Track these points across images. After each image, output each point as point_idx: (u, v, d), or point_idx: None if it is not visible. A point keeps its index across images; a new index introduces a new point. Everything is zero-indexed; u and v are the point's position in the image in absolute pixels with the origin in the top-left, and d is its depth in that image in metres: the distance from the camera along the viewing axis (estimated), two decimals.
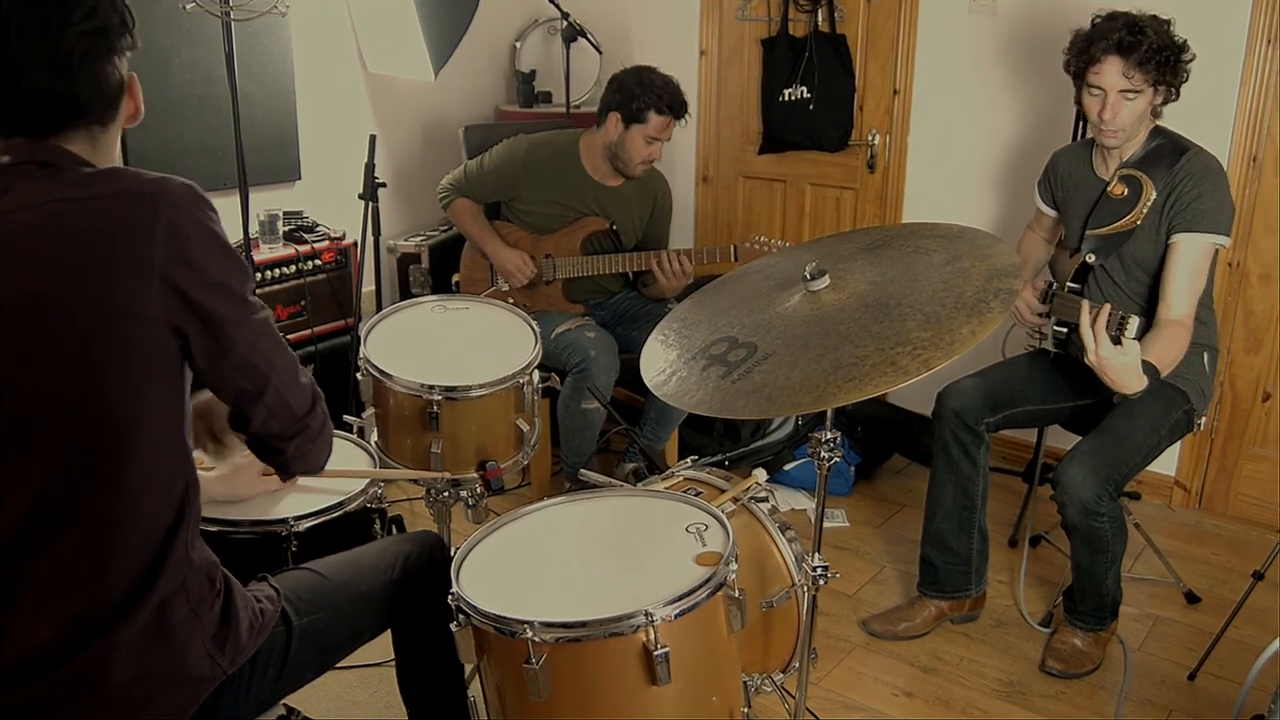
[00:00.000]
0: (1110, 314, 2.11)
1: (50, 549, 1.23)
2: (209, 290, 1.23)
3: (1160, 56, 2.31)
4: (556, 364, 3.01)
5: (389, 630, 1.69)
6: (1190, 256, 2.38)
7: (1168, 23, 2.35)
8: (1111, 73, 2.34)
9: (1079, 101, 2.46)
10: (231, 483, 1.79)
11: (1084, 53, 2.38)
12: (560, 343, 3.05)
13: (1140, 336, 2.34)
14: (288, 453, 1.42)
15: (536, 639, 1.44)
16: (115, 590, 1.25)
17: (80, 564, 1.24)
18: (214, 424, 1.59)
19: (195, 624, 1.31)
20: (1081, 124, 3.03)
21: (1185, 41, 2.36)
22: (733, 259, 3.05)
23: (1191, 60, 2.38)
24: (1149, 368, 2.20)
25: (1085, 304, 2.14)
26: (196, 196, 1.25)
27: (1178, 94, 2.42)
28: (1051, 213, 2.76)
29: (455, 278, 3.38)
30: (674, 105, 3.08)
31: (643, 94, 3.06)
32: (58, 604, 1.24)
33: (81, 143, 1.27)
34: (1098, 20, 2.39)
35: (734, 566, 1.56)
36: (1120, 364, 2.10)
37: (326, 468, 1.89)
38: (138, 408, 1.23)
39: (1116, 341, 2.09)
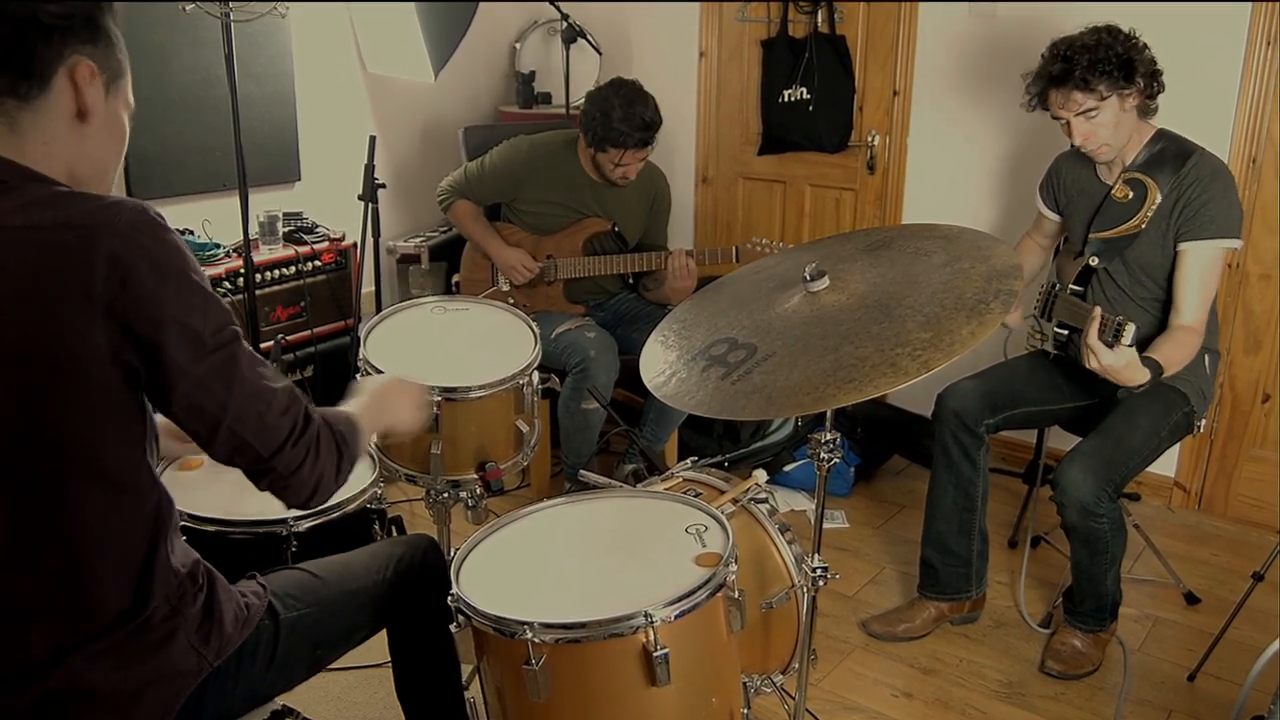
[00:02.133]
0: (1106, 320, 2.13)
1: (26, 577, 1.23)
2: (156, 325, 1.16)
3: (1097, 70, 2.30)
4: (556, 364, 3.01)
5: (388, 642, 1.69)
6: (1201, 263, 2.38)
7: (1106, 30, 2.34)
8: (1057, 104, 2.38)
9: None
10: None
11: (1032, 94, 2.44)
12: (560, 343, 3.05)
13: (1143, 337, 2.35)
14: (262, 486, 1.34)
15: (536, 640, 1.44)
16: (100, 612, 1.26)
17: (55, 592, 1.24)
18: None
19: (178, 620, 1.31)
20: None
21: (1134, 37, 2.34)
22: (734, 260, 3.05)
23: (1145, 50, 2.35)
24: (1152, 364, 2.22)
25: (1097, 311, 2.16)
26: (146, 224, 1.16)
27: (1159, 85, 2.40)
28: (1053, 217, 2.76)
29: (455, 278, 3.39)
30: (638, 142, 3.02)
31: (603, 128, 3.01)
32: (40, 628, 1.24)
33: None
34: (1042, 56, 2.41)
35: (734, 567, 1.56)
36: (1122, 365, 2.14)
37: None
38: (93, 440, 1.20)
39: (1111, 346, 2.12)
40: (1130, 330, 2.10)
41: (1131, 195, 2.47)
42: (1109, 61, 2.30)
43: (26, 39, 1.17)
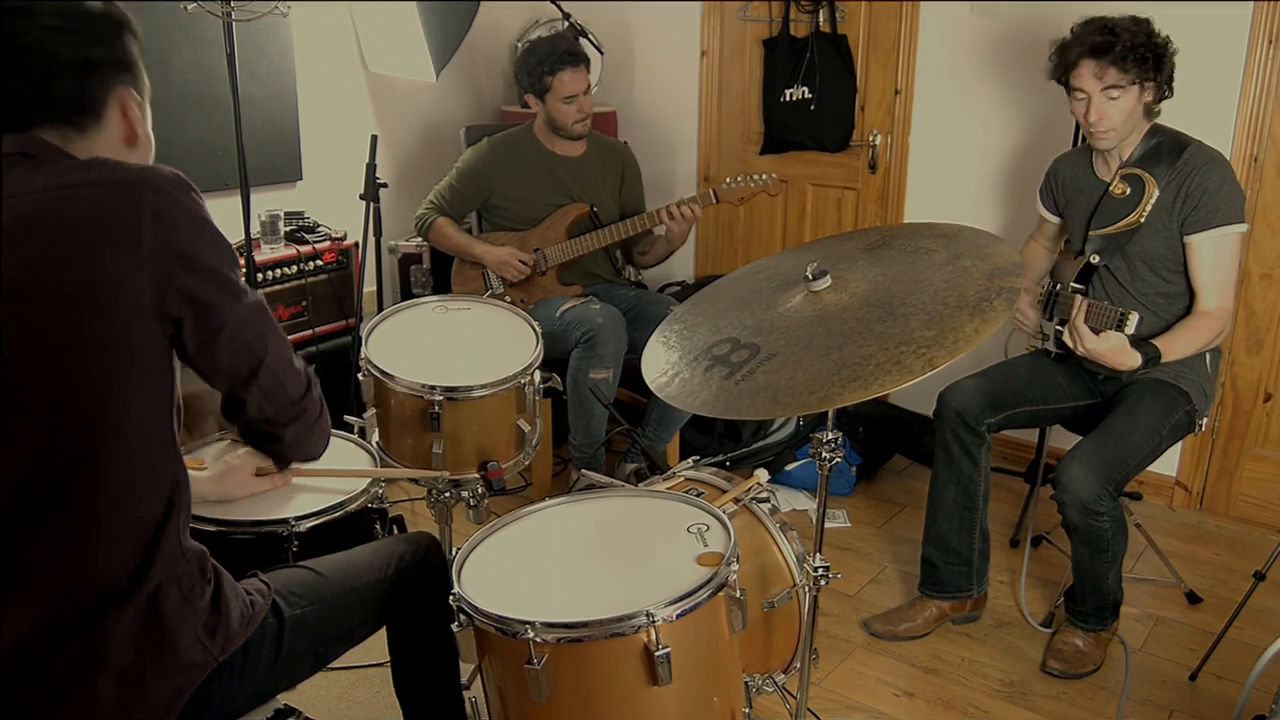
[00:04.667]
0: (1108, 310, 2.16)
1: (35, 535, 1.24)
2: (198, 276, 1.24)
3: (1136, 54, 2.33)
4: (564, 343, 3.03)
5: (388, 639, 1.70)
6: (1211, 252, 2.41)
7: (1145, 21, 2.37)
8: (1088, 75, 2.37)
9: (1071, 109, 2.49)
10: (223, 483, 1.78)
11: (1062, 60, 2.43)
12: (565, 319, 3.07)
13: (1145, 333, 2.37)
14: (285, 439, 1.43)
15: (538, 639, 1.44)
16: (105, 577, 1.26)
17: (66, 552, 1.25)
18: (190, 411, 1.57)
19: (187, 610, 1.32)
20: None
21: (1167, 37, 2.38)
22: (714, 201, 3.14)
23: (1174, 54, 2.39)
24: (1149, 348, 2.25)
25: (1077, 300, 2.20)
26: (183, 183, 1.26)
27: (1170, 90, 2.42)
28: (1054, 219, 2.76)
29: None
30: (565, 57, 3.12)
31: (534, 67, 3.13)
32: (45, 588, 1.25)
33: (52, 140, 1.27)
34: (1075, 28, 2.41)
35: (735, 567, 1.56)
36: (1106, 349, 2.26)
37: (327, 467, 1.90)
38: (124, 396, 1.23)
39: (1098, 332, 2.23)
40: (1132, 320, 2.13)
41: (1129, 191, 2.48)
42: (1148, 48, 2.34)
43: (84, 82, 1.28)
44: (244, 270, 3.08)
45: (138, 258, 1.20)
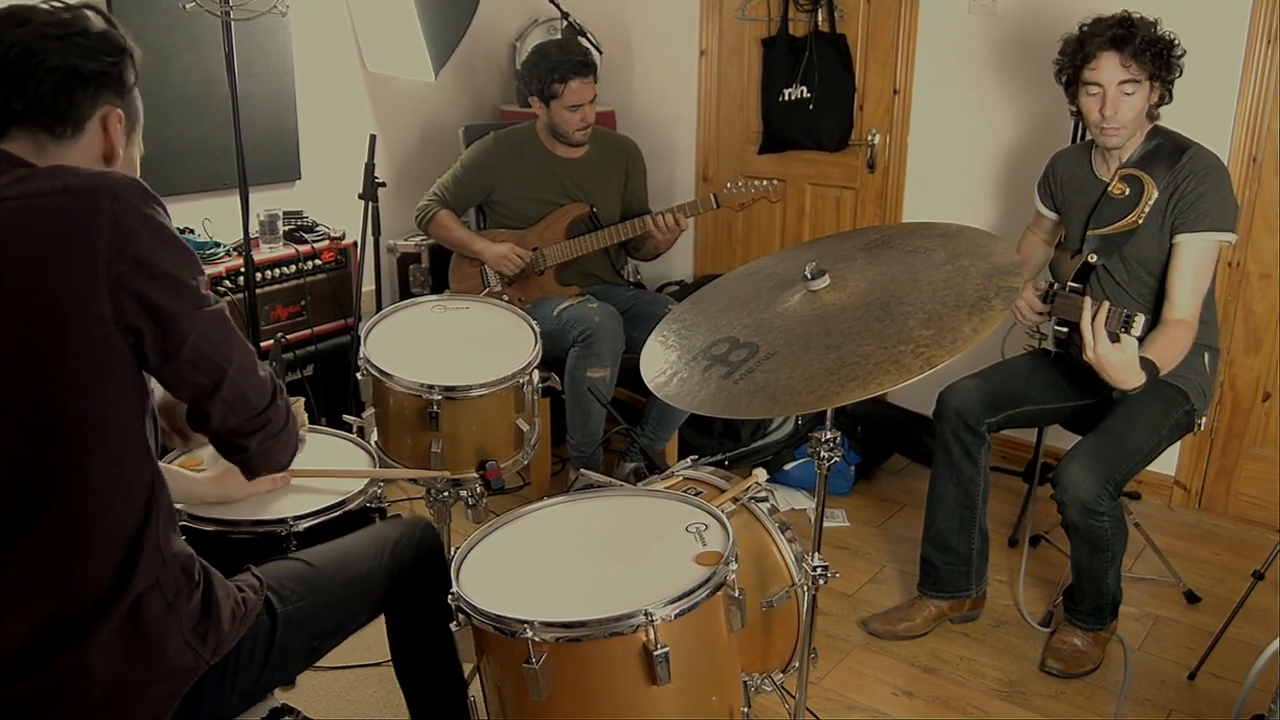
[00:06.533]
0: (1114, 312, 2.14)
1: (16, 548, 1.24)
2: (157, 284, 1.22)
3: (1154, 49, 2.34)
4: (561, 342, 3.04)
5: (386, 627, 1.69)
6: (1194, 256, 2.39)
7: (1154, 23, 2.38)
8: (1109, 66, 2.35)
9: (1076, 107, 2.48)
10: (222, 484, 1.77)
11: (1078, 53, 2.41)
12: (563, 319, 3.08)
13: (1145, 335, 2.36)
14: (251, 449, 1.40)
15: (536, 639, 1.44)
16: (88, 589, 1.26)
17: (48, 563, 1.25)
18: (175, 420, 1.58)
19: (172, 617, 1.32)
20: (1081, 123, 3.03)
21: (1175, 38, 2.38)
22: (714, 206, 3.16)
23: (1182, 56, 2.39)
24: (1148, 365, 2.22)
25: (1087, 301, 2.17)
26: (141, 190, 1.24)
27: (1170, 95, 2.43)
28: (1051, 215, 2.76)
29: (447, 292, 3.39)
30: (576, 67, 3.12)
31: (544, 72, 3.13)
32: (29, 605, 1.24)
33: (25, 146, 1.28)
34: (1085, 25, 2.41)
35: (734, 566, 1.56)
36: (1118, 360, 2.15)
37: (326, 467, 1.90)
38: (93, 404, 1.23)
39: (1116, 339, 2.13)
40: (1139, 322, 2.11)
41: (1128, 191, 2.47)
42: (1161, 44, 2.35)
43: (68, 88, 1.28)
44: (241, 269, 3.07)
45: (94, 265, 1.18)
